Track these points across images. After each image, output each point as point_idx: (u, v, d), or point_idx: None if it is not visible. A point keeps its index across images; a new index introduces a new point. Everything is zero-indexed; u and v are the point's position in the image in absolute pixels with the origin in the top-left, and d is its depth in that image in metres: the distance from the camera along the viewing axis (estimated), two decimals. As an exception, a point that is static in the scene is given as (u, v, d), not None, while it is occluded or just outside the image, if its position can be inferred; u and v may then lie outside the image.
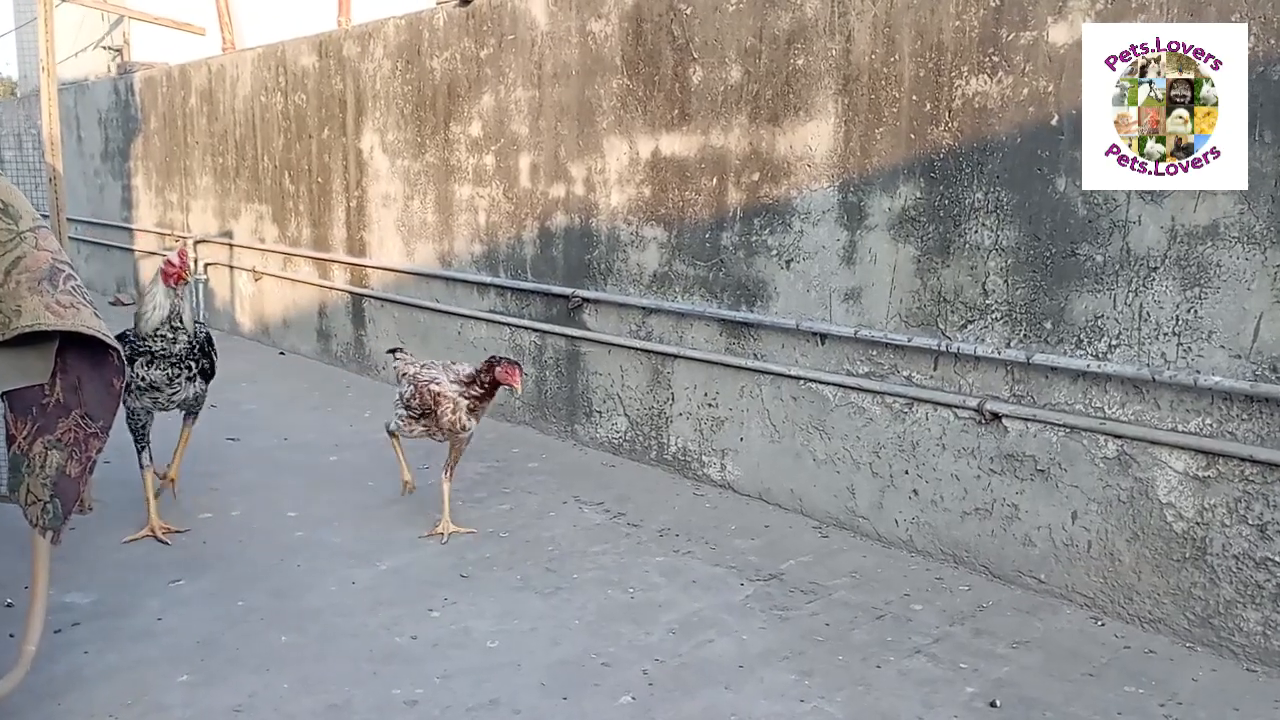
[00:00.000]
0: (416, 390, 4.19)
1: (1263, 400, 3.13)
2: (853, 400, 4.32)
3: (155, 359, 4.04)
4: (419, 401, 4.19)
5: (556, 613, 3.57)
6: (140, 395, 4.09)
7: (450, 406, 4.13)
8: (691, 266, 4.95)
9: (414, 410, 4.22)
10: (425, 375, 4.23)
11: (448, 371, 4.26)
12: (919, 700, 3.00)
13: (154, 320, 4.00)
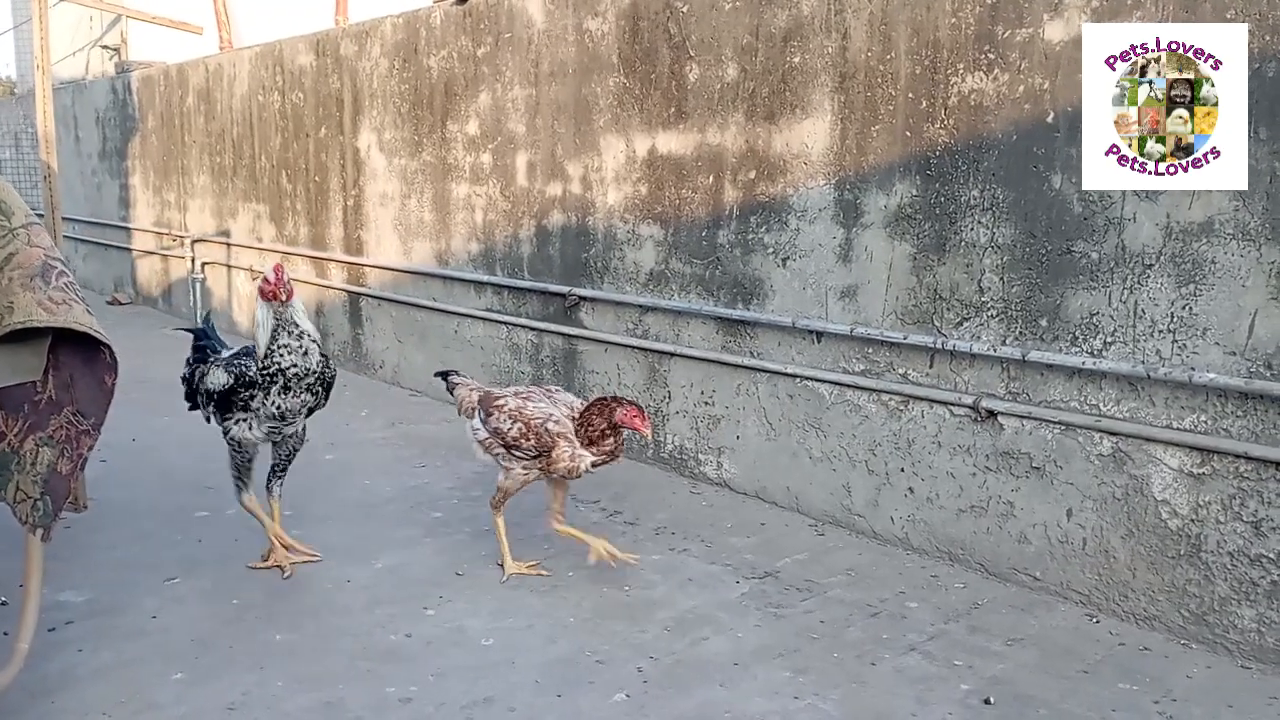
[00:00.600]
0: (528, 429, 3.62)
1: (1257, 397, 3.12)
2: (849, 398, 4.32)
3: (290, 383, 3.59)
4: (534, 442, 3.61)
5: (552, 610, 3.57)
6: (260, 424, 3.67)
7: (569, 451, 3.59)
8: (688, 265, 4.95)
9: (527, 452, 3.64)
10: (534, 410, 3.67)
11: (556, 402, 3.73)
12: (913, 698, 3.00)
13: (263, 339, 3.58)
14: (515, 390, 3.84)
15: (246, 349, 3.73)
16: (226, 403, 3.65)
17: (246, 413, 3.65)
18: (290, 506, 4.55)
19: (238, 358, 3.70)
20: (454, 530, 4.31)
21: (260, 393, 3.61)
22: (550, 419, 3.61)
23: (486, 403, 3.80)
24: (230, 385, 3.61)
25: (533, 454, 3.62)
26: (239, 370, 3.62)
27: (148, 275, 10.76)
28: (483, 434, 3.79)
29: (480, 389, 3.97)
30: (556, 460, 3.60)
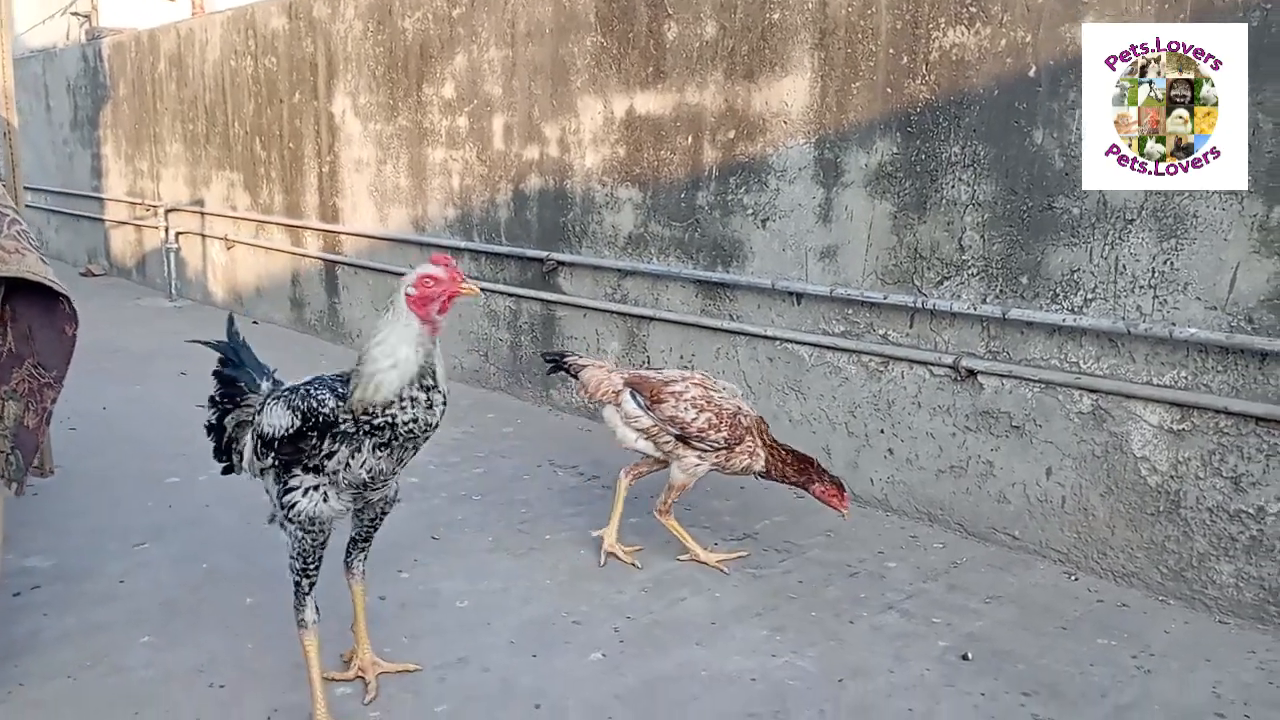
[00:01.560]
0: (720, 419, 3.37)
1: (1238, 351, 3.10)
2: (828, 360, 4.28)
3: (395, 441, 2.43)
4: (727, 433, 3.37)
5: (528, 573, 3.53)
6: (340, 492, 2.51)
7: (749, 449, 3.39)
8: (667, 227, 4.88)
9: (714, 443, 3.39)
10: (722, 399, 3.43)
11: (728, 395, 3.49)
12: (891, 654, 2.98)
13: (392, 384, 2.36)
14: (681, 374, 3.55)
15: (320, 379, 2.53)
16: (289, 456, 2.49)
17: (319, 475, 2.48)
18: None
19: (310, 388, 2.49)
20: (430, 495, 4.26)
21: (344, 446, 2.43)
22: (741, 411, 3.40)
23: (647, 387, 3.50)
24: (296, 429, 2.44)
25: (720, 445, 3.38)
26: (310, 405, 2.43)
27: (121, 246, 10.60)
28: (645, 421, 3.47)
29: (619, 371, 3.65)
30: (737, 455, 3.38)
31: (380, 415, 2.38)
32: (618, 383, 3.59)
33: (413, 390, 2.37)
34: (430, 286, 2.37)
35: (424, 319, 2.37)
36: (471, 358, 6.14)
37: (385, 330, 2.40)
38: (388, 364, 2.37)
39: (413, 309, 2.37)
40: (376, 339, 2.40)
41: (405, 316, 2.38)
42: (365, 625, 2.85)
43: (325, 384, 2.48)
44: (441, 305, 2.38)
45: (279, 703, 2.69)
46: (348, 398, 2.41)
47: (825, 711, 2.68)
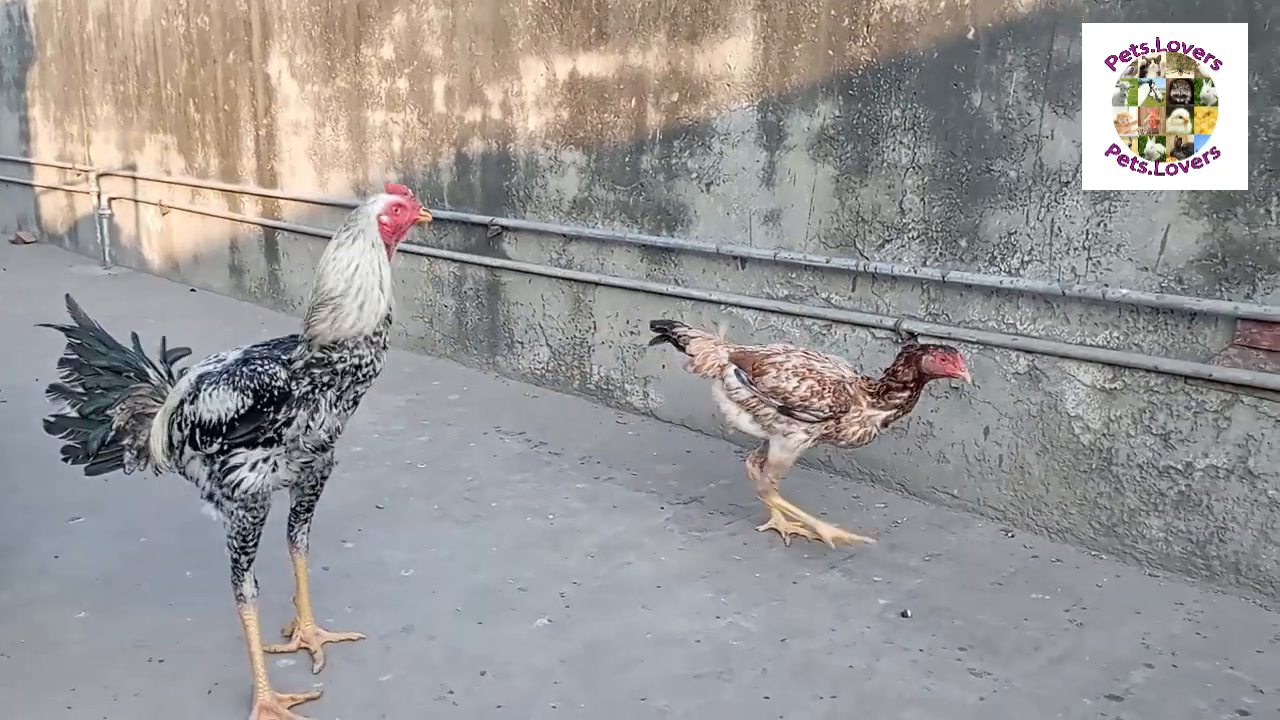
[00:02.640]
0: (823, 386, 3.22)
1: (1168, 311, 3.17)
2: (773, 323, 4.30)
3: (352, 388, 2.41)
4: (832, 400, 3.20)
5: (474, 540, 3.52)
6: (293, 460, 2.46)
7: (860, 417, 3.21)
8: (611, 191, 4.85)
9: (818, 413, 3.23)
10: (824, 367, 3.28)
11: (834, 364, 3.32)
12: (832, 613, 3.03)
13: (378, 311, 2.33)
14: (784, 346, 3.43)
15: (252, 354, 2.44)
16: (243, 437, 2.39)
17: (270, 447, 2.41)
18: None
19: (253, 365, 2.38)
20: (374, 464, 4.22)
21: (301, 410, 2.36)
22: (845, 378, 3.24)
23: (748, 360, 3.38)
24: (249, 408, 2.35)
25: (824, 415, 3.22)
26: (262, 382, 2.34)
27: (52, 212, 10.27)
28: (744, 394, 3.37)
29: (726, 344, 3.53)
30: (848, 424, 3.21)
31: (343, 360, 2.33)
32: (724, 357, 3.48)
33: (382, 325, 2.35)
34: (400, 214, 2.38)
35: (387, 245, 2.37)
36: (416, 324, 6.07)
37: (362, 260, 2.31)
38: (376, 295, 2.31)
39: (383, 237, 2.35)
40: (347, 264, 2.31)
41: (380, 244, 2.34)
42: (308, 596, 2.83)
43: (265, 357, 2.40)
44: (402, 233, 2.40)
45: (220, 677, 2.66)
46: (315, 336, 2.33)
47: (768, 670, 2.72)
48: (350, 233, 2.35)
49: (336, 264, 2.33)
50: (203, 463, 2.47)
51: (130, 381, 2.68)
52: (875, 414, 3.21)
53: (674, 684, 2.66)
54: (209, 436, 2.42)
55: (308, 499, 2.71)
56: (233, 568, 2.51)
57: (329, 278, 2.33)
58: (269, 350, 2.44)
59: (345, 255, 2.33)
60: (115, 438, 2.65)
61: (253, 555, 2.51)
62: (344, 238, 2.35)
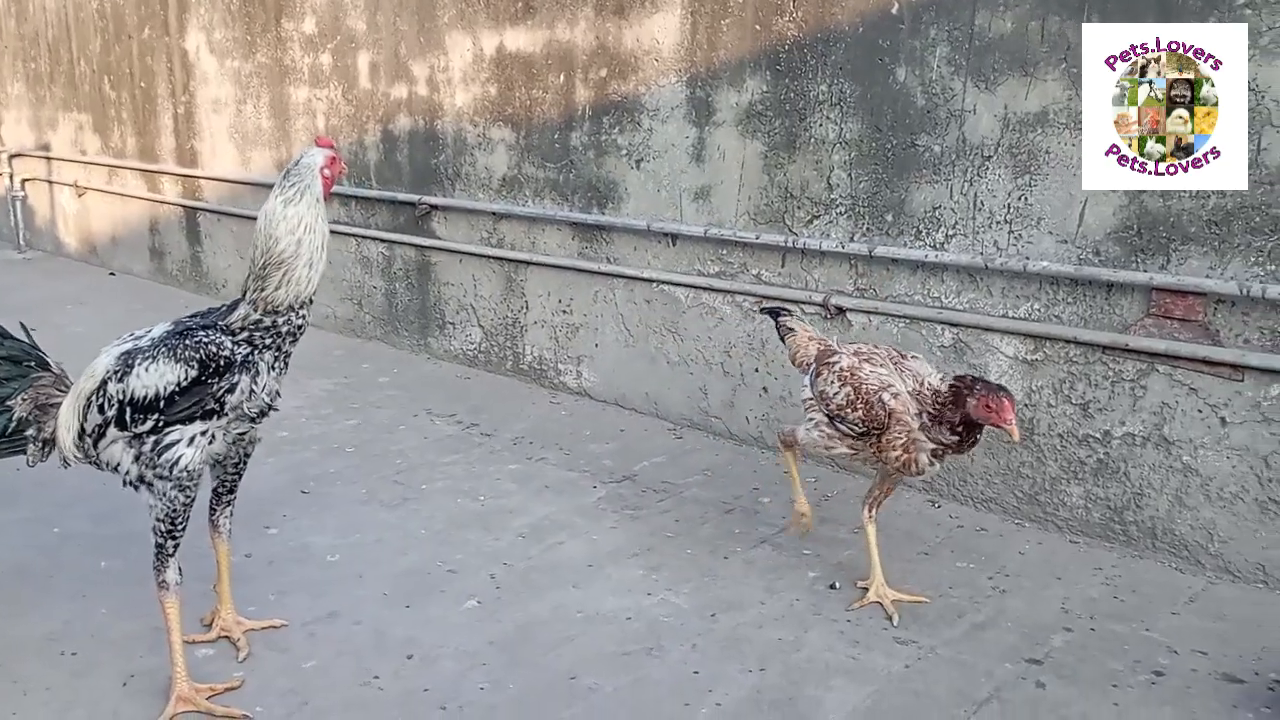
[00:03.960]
0: (858, 396, 2.79)
1: (1086, 283, 3.23)
2: (704, 301, 4.29)
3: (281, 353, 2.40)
4: (863, 414, 2.77)
5: (403, 524, 3.47)
6: (229, 430, 2.42)
7: (904, 439, 2.71)
8: (541, 169, 4.79)
9: (852, 426, 2.82)
10: (871, 375, 2.80)
11: (903, 370, 2.81)
12: (762, 587, 3.04)
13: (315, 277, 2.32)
14: (857, 347, 2.96)
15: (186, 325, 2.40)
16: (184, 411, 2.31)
17: (209, 420, 2.34)
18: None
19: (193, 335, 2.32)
20: (301, 448, 4.13)
21: (244, 375, 2.32)
22: (888, 389, 2.74)
23: (822, 358, 3.01)
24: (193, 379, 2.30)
25: (859, 430, 2.80)
26: (208, 351, 2.29)
27: None
28: (808, 393, 3.02)
29: (821, 340, 3.13)
30: (888, 446, 2.74)
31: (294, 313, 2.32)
32: (812, 354, 3.09)
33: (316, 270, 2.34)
34: (334, 167, 2.38)
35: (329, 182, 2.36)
36: (345, 306, 5.95)
37: (310, 217, 2.28)
38: (321, 254, 2.31)
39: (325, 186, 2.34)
40: (298, 223, 2.27)
41: (321, 197, 2.32)
42: (229, 584, 2.75)
43: (205, 326, 2.36)
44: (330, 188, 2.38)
45: (135, 668, 2.58)
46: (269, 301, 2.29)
47: (697, 645, 2.73)
48: (296, 188, 2.30)
49: (287, 222, 2.28)
50: (128, 445, 2.37)
51: (31, 371, 2.58)
52: (923, 441, 2.69)
53: (603, 661, 2.65)
54: (142, 414, 2.33)
55: (231, 478, 2.64)
56: (156, 553, 2.42)
57: (281, 239, 2.27)
58: (204, 320, 2.39)
59: (294, 213, 2.28)
60: (18, 428, 2.53)
61: (179, 540, 2.43)
62: (290, 193, 2.30)
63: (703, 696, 2.50)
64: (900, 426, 2.71)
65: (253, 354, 2.33)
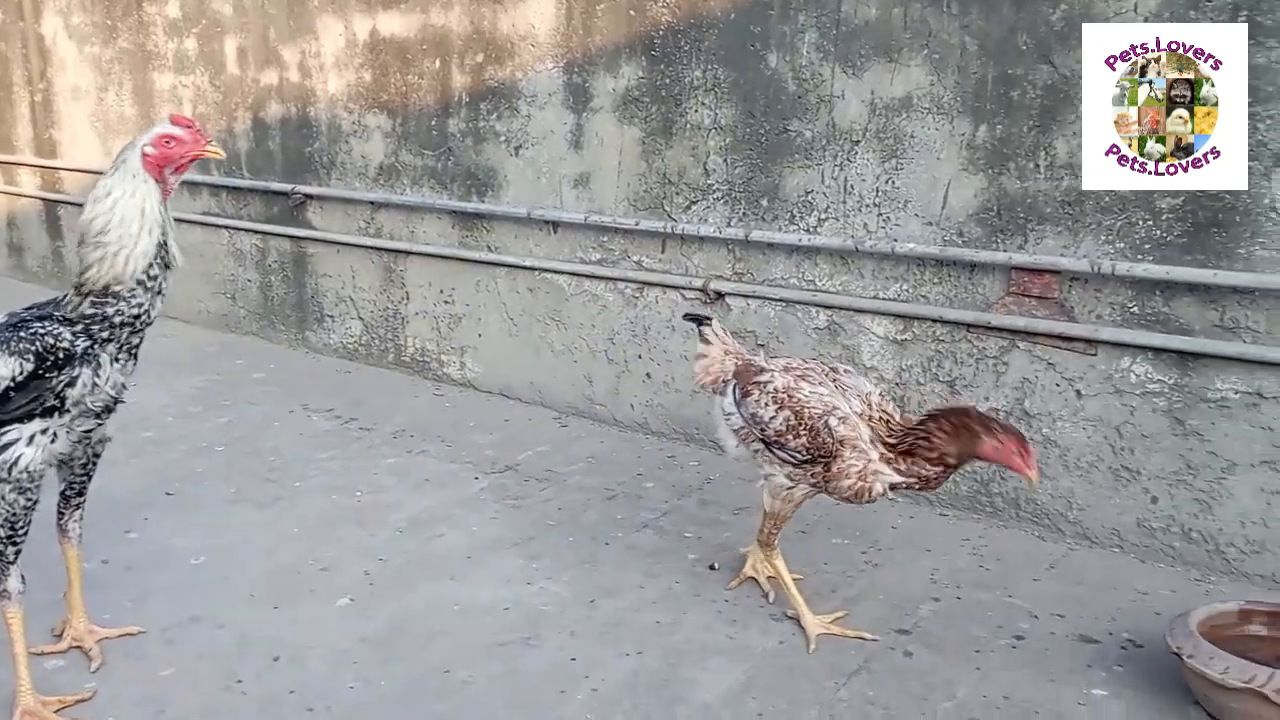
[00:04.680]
0: (800, 422, 2.53)
1: (951, 264, 3.32)
2: (587, 288, 4.27)
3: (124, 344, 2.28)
4: (807, 441, 2.52)
5: (273, 523, 3.35)
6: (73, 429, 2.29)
7: (859, 467, 2.47)
8: (419, 156, 4.69)
9: (794, 454, 2.56)
10: (811, 396, 2.55)
11: (843, 389, 2.58)
12: (642, 571, 3.04)
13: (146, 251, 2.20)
14: (785, 362, 2.70)
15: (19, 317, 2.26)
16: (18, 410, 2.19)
17: (49, 418, 2.22)
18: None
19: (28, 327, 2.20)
20: (166, 449, 3.95)
21: (85, 368, 2.21)
22: (833, 412, 2.50)
23: (745, 375, 2.72)
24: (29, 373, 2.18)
25: (802, 458, 2.57)
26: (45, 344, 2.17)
27: None
28: (736, 420, 2.72)
29: (739, 354, 2.85)
30: (840, 475, 2.49)
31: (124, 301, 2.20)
32: (729, 369, 2.81)
33: (156, 266, 2.22)
34: (171, 147, 2.25)
35: (159, 180, 2.24)
36: (218, 301, 5.72)
37: (119, 191, 2.20)
38: (137, 227, 2.19)
39: (149, 170, 2.22)
40: (111, 203, 2.19)
41: (143, 176, 2.22)
42: (81, 592, 2.61)
43: (40, 318, 2.23)
44: (179, 167, 2.27)
45: (-26, 684, 2.43)
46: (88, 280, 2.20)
47: (576, 633, 2.70)
48: (115, 164, 2.25)
49: (96, 195, 2.23)
50: None
51: None
52: (885, 472, 2.47)
53: (479, 653, 2.60)
54: None
55: (79, 480, 2.51)
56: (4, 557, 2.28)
57: (88, 209, 2.21)
58: (39, 311, 2.27)
59: (104, 185, 2.23)
60: None
61: (21, 546, 2.30)
62: (110, 170, 2.25)
63: (579, 683, 2.48)
64: (855, 454, 2.46)
65: (93, 346, 2.23)
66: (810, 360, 2.74)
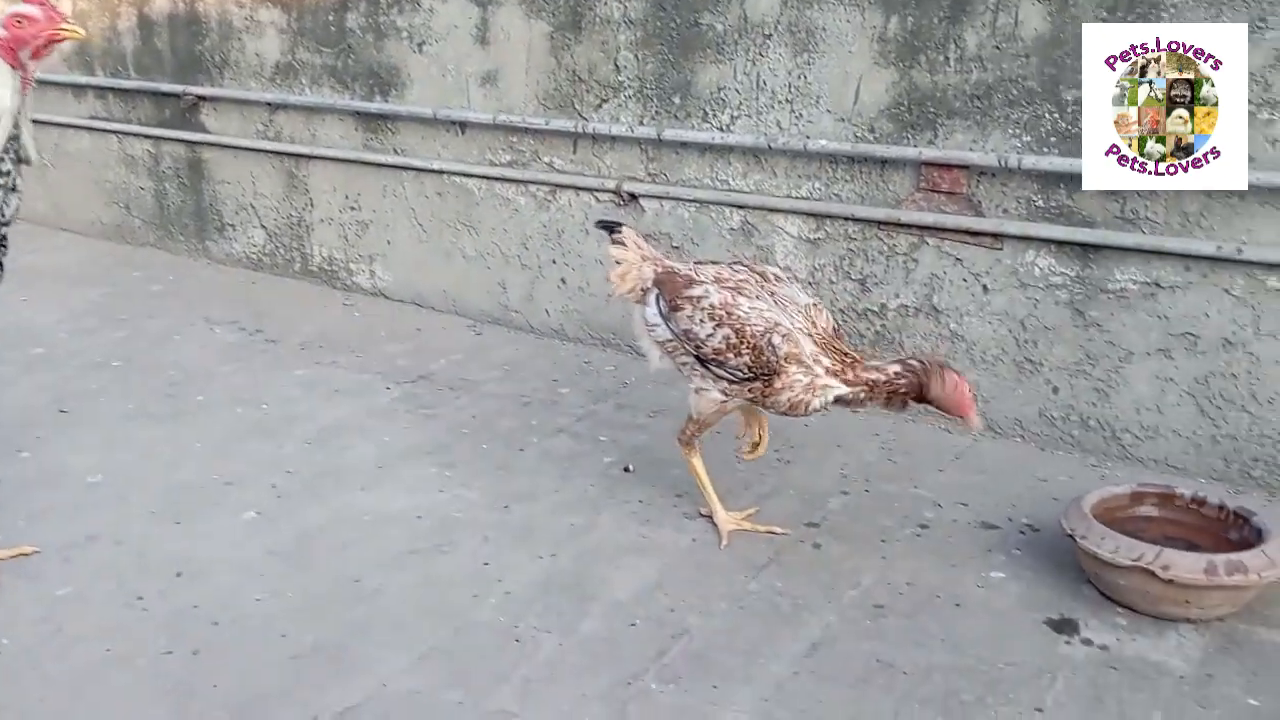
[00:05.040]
0: (742, 340, 2.42)
1: (862, 160, 3.29)
2: (498, 192, 4.15)
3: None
4: (750, 360, 2.42)
5: (175, 438, 3.25)
6: None
7: (804, 382, 2.39)
8: (317, 54, 4.46)
9: (734, 372, 2.46)
10: (751, 311, 2.44)
11: (776, 299, 2.48)
12: (557, 475, 3.03)
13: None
14: (716, 271, 2.56)
15: None
16: None
17: None
18: None
19: None
20: (58, 365, 3.78)
21: None
22: (776, 329, 2.40)
23: (671, 286, 2.56)
24: None
25: (743, 376, 2.46)
26: None
27: None
28: (663, 333, 2.59)
29: (658, 260, 2.69)
30: (779, 390, 2.41)
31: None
32: (648, 276, 2.66)
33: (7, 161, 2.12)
34: (23, 27, 2.16)
35: (14, 66, 2.13)
36: (111, 210, 5.44)
37: None
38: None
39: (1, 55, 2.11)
40: None
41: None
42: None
43: None
44: (35, 50, 2.17)
45: None
46: None
47: (489, 538, 2.69)
48: None
49: None
50: None
51: None
52: (833, 386, 2.40)
53: (390, 561, 2.58)
54: None
55: None
56: None
57: None
58: None
59: None
60: None
61: None
62: None
63: (492, 586, 2.48)
64: (800, 369, 2.38)
65: None
66: (739, 267, 2.60)
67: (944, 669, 2.16)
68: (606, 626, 2.32)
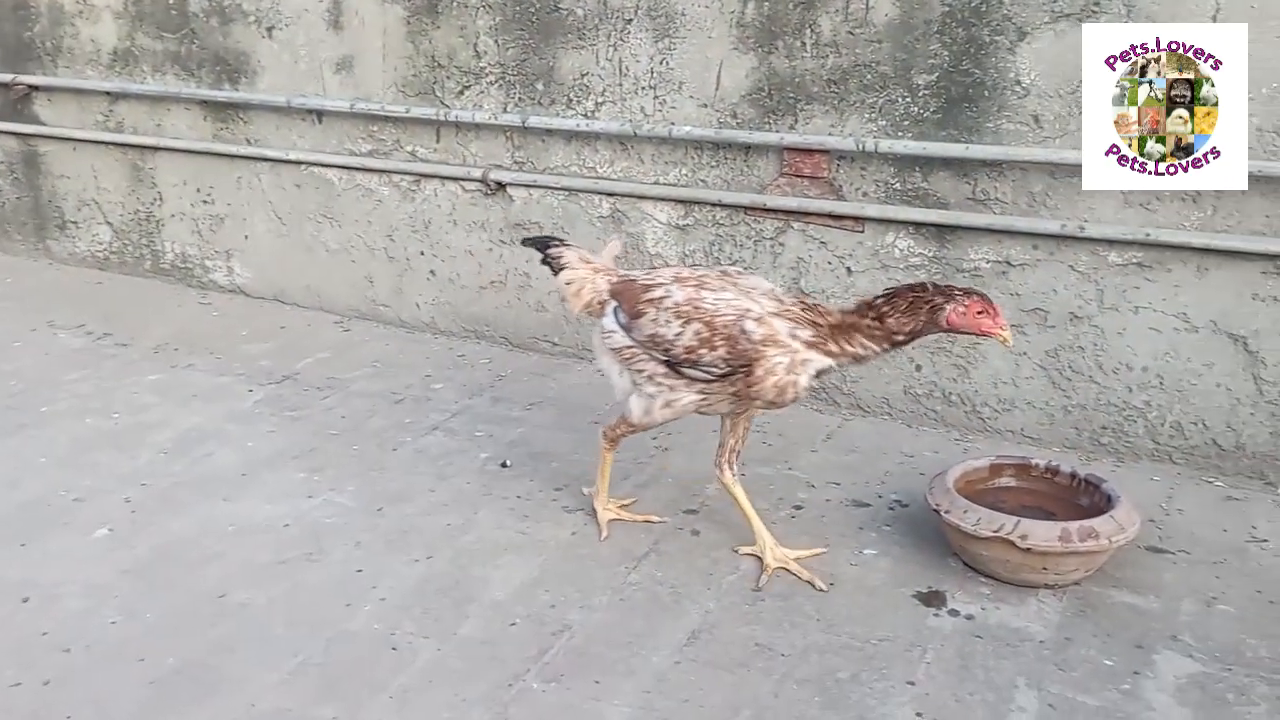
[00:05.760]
0: (713, 332, 2.30)
1: (727, 146, 3.32)
2: (360, 182, 4.02)
3: None
4: (725, 351, 2.30)
5: (17, 453, 3.05)
6: None
7: (785, 362, 2.28)
8: (159, 40, 4.22)
9: (709, 369, 2.34)
10: (719, 302, 2.33)
11: (742, 290, 2.39)
12: (433, 474, 2.97)
13: None
14: (675, 273, 2.46)
15: None
16: None
17: None
18: None
19: None
20: (-121, 381, 3.49)
21: None
22: (746, 315, 2.30)
23: (629, 294, 2.45)
24: None
25: (721, 371, 2.33)
26: None
27: None
28: (619, 339, 2.47)
29: (609, 270, 2.58)
30: (762, 378, 2.28)
31: None
32: (603, 288, 2.54)
33: None
34: None
35: None
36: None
37: None
38: None
39: None
40: None
41: None
42: None
43: None
44: None
45: None
46: None
47: (362, 543, 2.62)
48: None
49: None
50: None
51: None
52: (814, 359, 2.30)
53: (257, 573, 2.48)
54: None
55: None
56: None
57: None
58: None
59: None
60: None
61: None
62: None
63: (366, 594, 2.41)
64: (779, 350, 2.28)
65: None
66: (701, 269, 2.56)
67: (820, 648, 2.21)
68: (486, 628, 2.29)
